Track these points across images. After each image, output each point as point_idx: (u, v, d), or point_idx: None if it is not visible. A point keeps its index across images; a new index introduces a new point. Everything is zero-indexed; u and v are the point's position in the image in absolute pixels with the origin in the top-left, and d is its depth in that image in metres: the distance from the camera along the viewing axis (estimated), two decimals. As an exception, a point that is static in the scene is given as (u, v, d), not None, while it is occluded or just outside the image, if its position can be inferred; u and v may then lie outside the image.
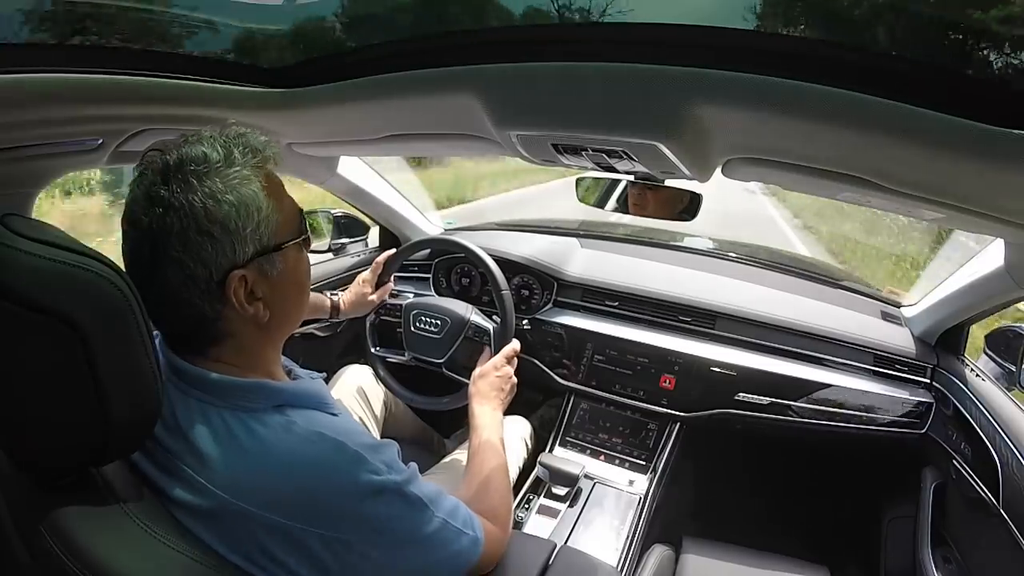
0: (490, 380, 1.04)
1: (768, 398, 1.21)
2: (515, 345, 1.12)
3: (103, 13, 0.67)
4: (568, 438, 1.35)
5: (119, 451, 0.51)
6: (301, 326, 1.34)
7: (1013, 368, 1.02)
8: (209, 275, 0.53)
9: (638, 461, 1.28)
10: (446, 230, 1.64)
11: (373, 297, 1.25)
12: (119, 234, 0.55)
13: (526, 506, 1.17)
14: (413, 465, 0.61)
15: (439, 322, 1.24)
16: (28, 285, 0.43)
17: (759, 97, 0.51)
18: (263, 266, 0.56)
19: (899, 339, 1.23)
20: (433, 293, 1.48)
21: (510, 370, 1.08)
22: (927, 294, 1.24)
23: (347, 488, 0.53)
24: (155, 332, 0.55)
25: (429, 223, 1.59)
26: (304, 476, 0.52)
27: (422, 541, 0.57)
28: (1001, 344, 1.10)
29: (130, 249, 0.53)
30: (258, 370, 0.59)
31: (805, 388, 1.20)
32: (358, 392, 1.24)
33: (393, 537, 0.55)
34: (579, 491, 1.19)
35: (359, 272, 1.31)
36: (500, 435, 0.93)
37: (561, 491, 1.18)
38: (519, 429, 1.31)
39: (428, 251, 1.50)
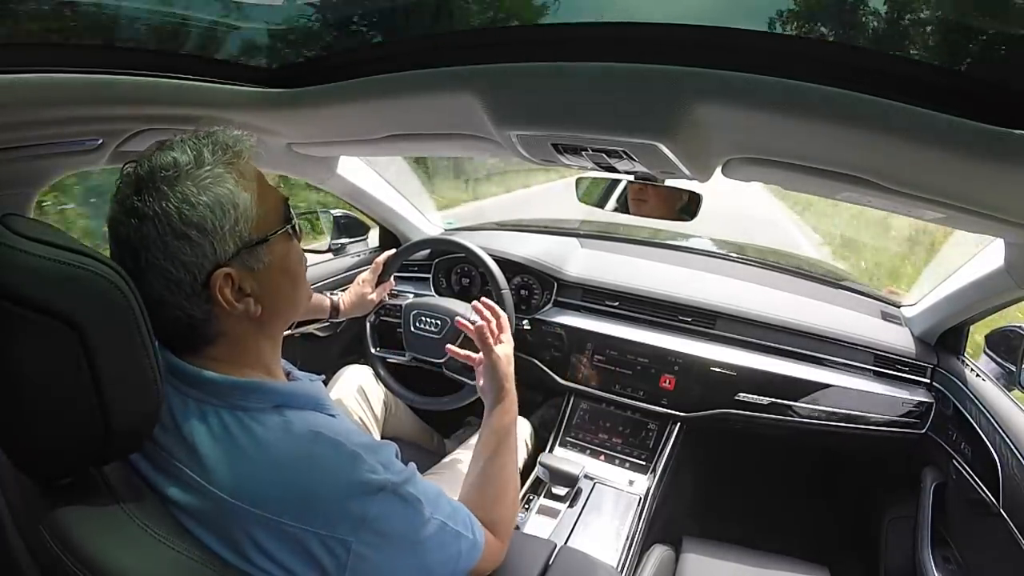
0: (511, 363, 0.88)
1: (768, 398, 1.21)
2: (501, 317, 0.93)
3: (104, 13, 0.67)
4: (568, 438, 1.35)
5: (119, 451, 0.51)
6: (301, 326, 1.35)
7: (1013, 368, 1.02)
8: (193, 278, 0.53)
9: (638, 461, 1.28)
10: (446, 230, 1.64)
11: (373, 296, 1.25)
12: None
13: (526, 506, 1.17)
14: (412, 465, 0.61)
15: (439, 322, 1.24)
16: (28, 285, 0.43)
17: (759, 97, 0.51)
18: (247, 261, 0.55)
19: (899, 339, 1.23)
20: (433, 293, 1.48)
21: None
22: (927, 294, 1.24)
23: (344, 487, 0.53)
24: None
25: (429, 223, 1.59)
26: (301, 476, 0.52)
27: (420, 542, 0.57)
28: (1001, 344, 1.10)
29: (115, 262, 0.53)
30: (256, 367, 0.59)
31: (805, 388, 1.20)
32: (358, 392, 1.24)
33: (391, 538, 0.55)
34: (579, 491, 1.19)
35: (359, 272, 1.31)
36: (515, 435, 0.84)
37: (561, 491, 1.18)
38: (519, 429, 1.30)
39: (428, 251, 1.50)
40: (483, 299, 0.95)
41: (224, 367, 0.56)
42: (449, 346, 0.97)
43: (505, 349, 0.89)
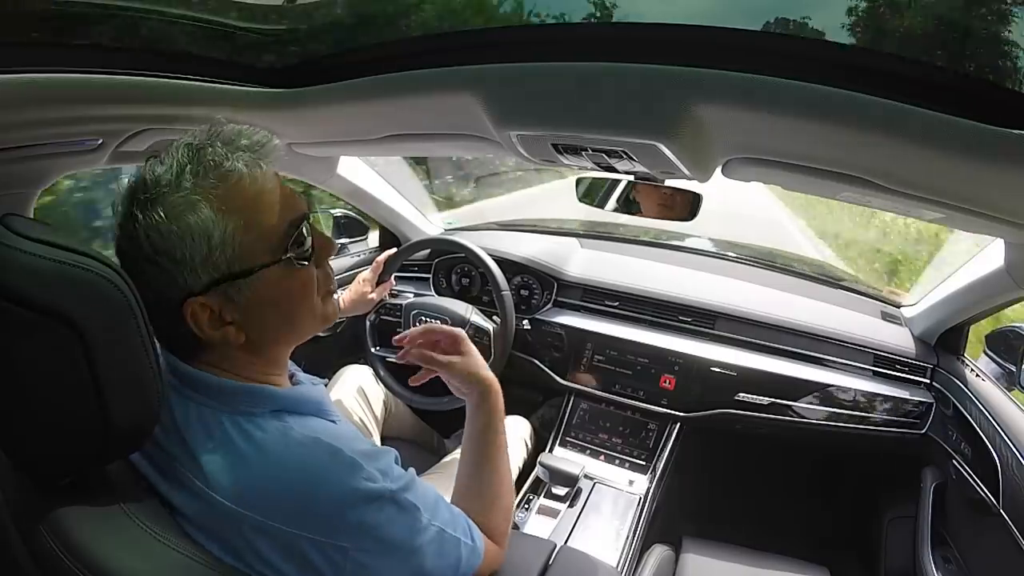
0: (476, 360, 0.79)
1: (768, 398, 1.21)
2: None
3: (103, 13, 0.67)
4: (568, 438, 1.35)
5: (119, 451, 0.51)
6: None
7: (1013, 368, 1.02)
8: (167, 302, 0.51)
9: (638, 461, 1.28)
10: (446, 230, 1.64)
11: (373, 295, 1.25)
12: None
13: (526, 506, 1.17)
14: (411, 471, 0.60)
15: (439, 322, 1.24)
16: (28, 285, 0.43)
17: (759, 97, 0.51)
18: (227, 292, 0.52)
19: (899, 339, 1.24)
20: (433, 293, 1.48)
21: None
22: (927, 294, 1.24)
23: (341, 494, 0.52)
24: None
25: (429, 223, 1.59)
26: (299, 482, 0.51)
27: (418, 549, 0.56)
28: (1001, 344, 1.10)
29: None
30: (255, 378, 0.58)
31: (805, 388, 1.20)
32: (358, 393, 1.24)
33: (388, 545, 0.54)
34: (579, 491, 1.19)
35: (359, 272, 1.31)
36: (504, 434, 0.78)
37: (561, 491, 1.18)
38: (519, 429, 1.31)
39: (428, 251, 1.50)
40: (399, 336, 0.80)
41: (223, 373, 0.56)
42: (412, 379, 0.85)
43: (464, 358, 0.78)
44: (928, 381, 1.19)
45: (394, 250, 1.28)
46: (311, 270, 0.58)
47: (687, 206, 0.90)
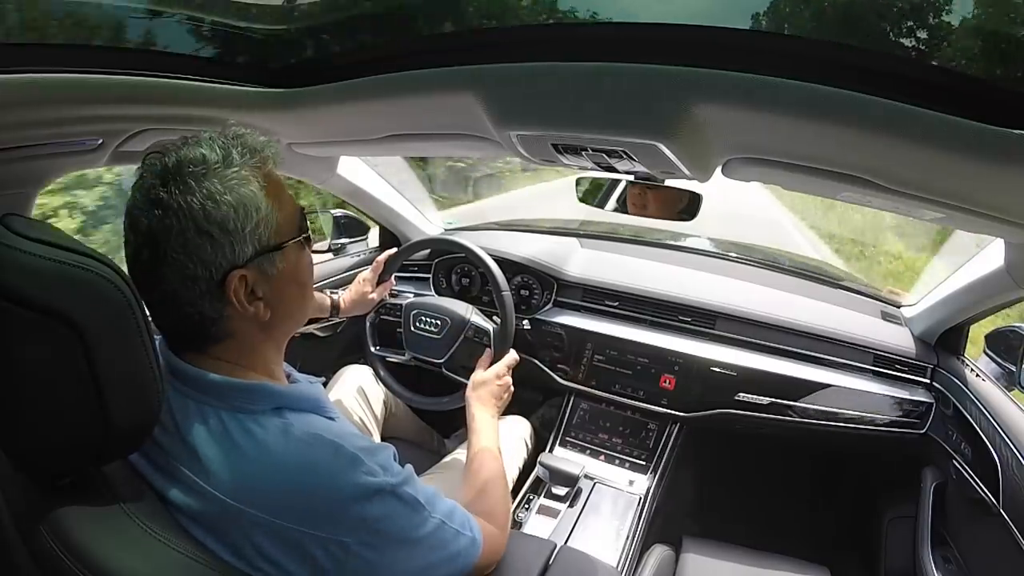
0: (491, 388, 1.04)
1: (768, 398, 1.21)
2: (515, 355, 1.14)
3: (104, 13, 0.67)
4: (568, 438, 1.35)
5: (119, 451, 0.51)
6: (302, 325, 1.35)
7: (1013, 368, 1.02)
8: (209, 275, 0.53)
9: (638, 461, 1.28)
10: (446, 230, 1.64)
11: (374, 295, 1.25)
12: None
13: (526, 506, 1.17)
14: (409, 467, 0.61)
15: (439, 322, 1.24)
16: (28, 285, 0.43)
17: (759, 97, 0.51)
18: (263, 265, 0.56)
19: (899, 339, 1.23)
20: (433, 293, 1.48)
21: (509, 380, 1.09)
22: (927, 294, 1.24)
23: (343, 490, 0.53)
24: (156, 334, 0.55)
25: (429, 223, 1.59)
26: (300, 478, 0.52)
27: (419, 542, 0.57)
28: (1001, 344, 1.10)
29: (131, 253, 0.54)
30: (258, 370, 0.59)
31: (805, 388, 1.20)
32: (358, 392, 1.24)
33: (390, 538, 0.55)
34: (579, 491, 1.19)
35: (359, 272, 1.31)
36: (497, 440, 0.94)
37: (561, 491, 1.18)
38: (519, 429, 1.31)
39: (428, 251, 1.50)
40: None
41: (227, 368, 0.56)
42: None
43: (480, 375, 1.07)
44: (928, 381, 1.19)
45: (394, 250, 1.28)
46: (310, 253, 0.64)
47: (687, 206, 0.90)
